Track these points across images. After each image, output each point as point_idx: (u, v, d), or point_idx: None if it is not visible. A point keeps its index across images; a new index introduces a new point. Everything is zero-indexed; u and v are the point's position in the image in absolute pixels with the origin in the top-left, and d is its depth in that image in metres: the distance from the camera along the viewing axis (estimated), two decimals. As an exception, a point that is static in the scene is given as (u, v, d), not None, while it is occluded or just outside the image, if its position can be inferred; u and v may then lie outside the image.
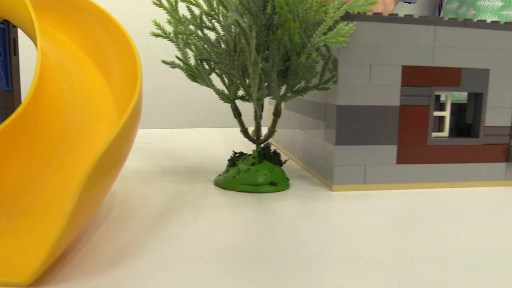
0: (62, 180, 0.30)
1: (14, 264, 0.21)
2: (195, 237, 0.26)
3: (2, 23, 0.47)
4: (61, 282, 0.20)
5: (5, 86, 0.48)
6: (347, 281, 0.20)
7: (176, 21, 0.39)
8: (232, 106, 0.38)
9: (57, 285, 0.20)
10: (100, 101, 0.38)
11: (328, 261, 0.22)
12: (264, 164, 0.36)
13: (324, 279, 0.20)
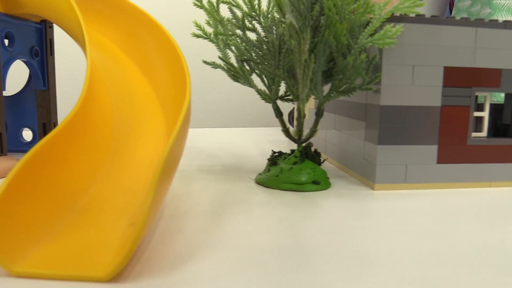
0: (115, 178, 0.31)
1: (90, 259, 0.22)
2: (254, 234, 0.26)
3: (39, 23, 0.48)
4: (137, 278, 0.21)
5: (42, 86, 0.49)
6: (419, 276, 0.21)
7: (217, 22, 0.40)
8: (274, 106, 0.39)
9: (134, 281, 0.21)
10: (143, 101, 0.39)
11: (393, 260, 0.23)
12: (306, 163, 0.37)
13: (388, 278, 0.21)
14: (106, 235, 0.25)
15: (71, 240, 0.24)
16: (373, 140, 0.37)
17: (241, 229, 0.27)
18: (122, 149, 0.34)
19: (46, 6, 0.40)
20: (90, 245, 0.24)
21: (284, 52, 0.35)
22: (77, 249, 0.23)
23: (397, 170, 0.37)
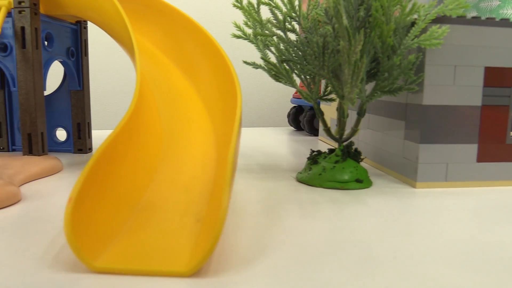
0: (170, 177, 0.31)
1: (168, 255, 0.23)
2: (314, 231, 0.27)
3: (74, 24, 0.49)
4: (216, 274, 0.21)
5: (77, 86, 0.49)
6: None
7: (257, 23, 0.40)
8: (315, 105, 0.39)
9: (214, 277, 0.21)
10: (187, 101, 0.39)
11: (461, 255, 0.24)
12: (348, 162, 0.38)
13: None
14: (175, 232, 0.25)
15: (142, 236, 0.25)
16: (414, 139, 0.37)
17: (300, 226, 0.28)
18: (171, 149, 0.34)
19: (89, 7, 0.40)
20: (162, 242, 0.24)
21: (329, 52, 0.35)
22: (151, 245, 0.24)
23: (438, 168, 0.37)
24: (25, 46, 0.40)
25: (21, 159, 0.41)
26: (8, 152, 0.51)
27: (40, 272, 0.21)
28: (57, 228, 0.27)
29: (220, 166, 0.31)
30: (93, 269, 0.21)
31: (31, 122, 0.41)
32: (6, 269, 0.21)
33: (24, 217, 0.29)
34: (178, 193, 0.30)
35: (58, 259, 0.23)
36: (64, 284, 0.20)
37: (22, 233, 0.26)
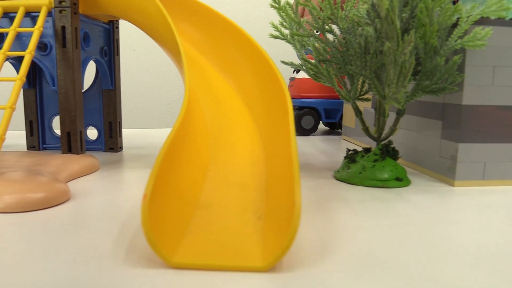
0: (222, 175, 0.32)
1: (242, 251, 0.23)
2: (369, 229, 0.27)
3: (107, 24, 0.49)
4: (291, 269, 0.22)
5: (110, 85, 0.50)
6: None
7: (295, 23, 0.41)
8: (354, 105, 0.40)
9: (290, 271, 0.22)
10: (228, 101, 0.40)
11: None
12: (388, 161, 0.38)
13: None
14: (238, 229, 0.26)
15: (208, 233, 0.25)
16: (453, 139, 0.38)
17: (354, 223, 0.28)
18: (219, 148, 0.35)
19: (131, 8, 0.40)
20: (229, 238, 0.25)
21: (371, 53, 0.36)
22: (220, 242, 0.24)
23: (476, 167, 0.38)
24: (65, 45, 0.41)
25: (61, 158, 0.41)
26: (40, 150, 0.51)
27: (119, 268, 0.22)
28: (118, 225, 0.28)
29: (273, 163, 0.31)
30: (171, 265, 0.22)
31: (70, 121, 0.42)
32: (85, 267, 0.22)
33: (81, 214, 0.30)
34: (233, 190, 0.30)
35: (131, 255, 0.23)
36: (147, 279, 0.20)
37: (85, 230, 0.27)
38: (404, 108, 0.38)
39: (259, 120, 0.37)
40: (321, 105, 0.70)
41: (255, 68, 0.39)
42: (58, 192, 0.32)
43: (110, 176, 0.40)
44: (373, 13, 0.36)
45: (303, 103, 0.70)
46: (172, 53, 0.39)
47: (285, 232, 0.22)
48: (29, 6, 0.41)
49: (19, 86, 0.36)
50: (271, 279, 0.21)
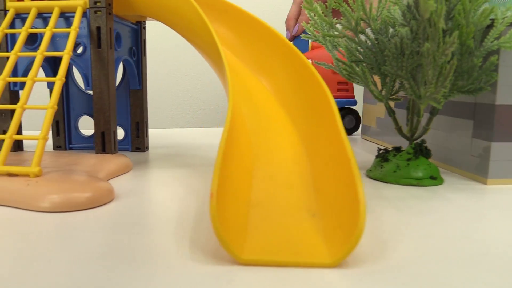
0: (268, 175, 0.32)
1: (307, 247, 0.24)
2: (422, 226, 0.28)
3: (135, 24, 0.49)
4: (358, 264, 0.22)
5: (137, 85, 0.50)
6: None
7: (327, 24, 0.42)
8: (386, 105, 0.41)
9: (359, 266, 0.22)
10: (263, 101, 0.40)
11: None
12: (422, 159, 0.39)
13: None
14: (295, 226, 0.26)
15: (268, 231, 0.25)
16: (485, 138, 0.39)
17: (401, 221, 0.29)
18: (260, 148, 0.35)
19: (165, 9, 0.41)
20: (290, 235, 0.25)
21: (407, 54, 0.37)
22: (282, 239, 0.25)
23: (508, 165, 0.39)
24: (100, 46, 0.41)
25: (96, 157, 0.41)
26: (67, 150, 0.51)
27: (188, 265, 0.22)
28: (171, 223, 0.28)
29: (319, 162, 0.32)
30: (241, 262, 0.22)
31: (104, 121, 0.42)
32: (153, 265, 0.22)
33: (129, 213, 0.30)
34: (280, 189, 0.31)
35: (195, 252, 0.24)
36: (221, 276, 0.21)
37: (140, 229, 0.27)
38: (438, 108, 0.39)
39: (297, 120, 0.37)
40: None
41: (289, 67, 0.40)
42: (104, 192, 0.32)
43: (145, 176, 0.41)
44: (409, 14, 0.37)
45: None
46: (210, 56, 0.39)
47: (348, 229, 0.23)
48: (64, 6, 0.41)
49: (59, 86, 0.36)
50: (341, 275, 0.21)
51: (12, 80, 0.37)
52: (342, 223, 0.24)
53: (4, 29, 0.40)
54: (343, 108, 0.70)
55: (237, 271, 0.21)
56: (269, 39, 0.42)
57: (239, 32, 0.44)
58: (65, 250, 0.24)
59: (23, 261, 0.22)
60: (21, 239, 0.25)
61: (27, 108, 0.36)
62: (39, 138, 0.34)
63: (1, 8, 0.42)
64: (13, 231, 0.26)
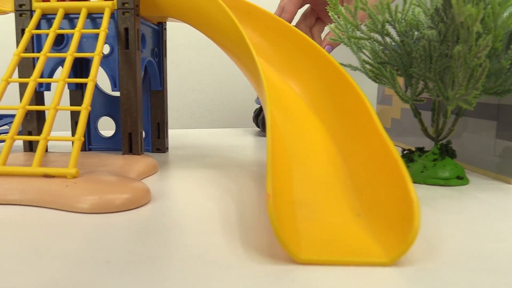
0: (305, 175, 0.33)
1: (361, 246, 0.24)
2: (462, 223, 0.29)
3: (156, 25, 0.49)
4: (413, 262, 0.23)
5: (159, 86, 0.50)
6: None
7: (353, 26, 0.42)
8: (412, 106, 0.41)
9: (411, 265, 0.23)
10: (293, 104, 0.40)
11: None
12: (448, 160, 0.40)
13: None
14: (344, 225, 0.27)
15: (317, 229, 0.26)
16: (508, 138, 0.40)
17: (440, 220, 0.30)
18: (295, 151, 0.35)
19: (194, 11, 0.41)
20: (340, 234, 0.25)
21: (436, 56, 0.37)
22: (333, 237, 0.25)
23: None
24: (128, 47, 0.41)
25: (123, 158, 0.41)
26: (86, 151, 0.51)
27: (248, 265, 0.22)
28: (215, 224, 0.28)
29: (356, 163, 0.32)
30: (299, 261, 0.23)
31: (132, 122, 0.42)
32: (212, 264, 0.22)
33: (170, 214, 0.30)
34: (320, 190, 0.31)
35: (250, 252, 0.24)
36: (284, 275, 0.21)
37: (187, 230, 0.27)
38: (464, 109, 0.40)
39: (328, 122, 0.38)
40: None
41: (317, 69, 0.40)
42: (142, 193, 0.33)
43: (173, 176, 0.41)
44: (437, 17, 0.37)
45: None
46: (241, 60, 0.39)
47: (401, 228, 0.23)
48: (91, 7, 0.41)
49: (91, 87, 0.36)
50: (400, 273, 0.22)
51: (43, 81, 0.37)
52: (393, 222, 0.25)
53: (31, 29, 0.40)
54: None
55: (297, 270, 0.22)
56: (295, 41, 0.43)
57: (264, 34, 0.45)
58: (122, 252, 0.24)
59: (80, 263, 0.22)
60: (70, 240, 0.25)
61: (60, 109, 0.36)
62: (75, 139, 0.34)
63: (28, 9, 0.42)
64: (58, 232, 0.26)
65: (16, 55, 0.38)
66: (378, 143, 0.30)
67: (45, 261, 0.22)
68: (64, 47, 0.42)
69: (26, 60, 0.42)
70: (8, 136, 0.35)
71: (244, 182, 0.39)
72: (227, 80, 1.00)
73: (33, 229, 0.27)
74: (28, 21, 0.42)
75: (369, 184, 0.29)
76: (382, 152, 0.29)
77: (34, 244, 0.24)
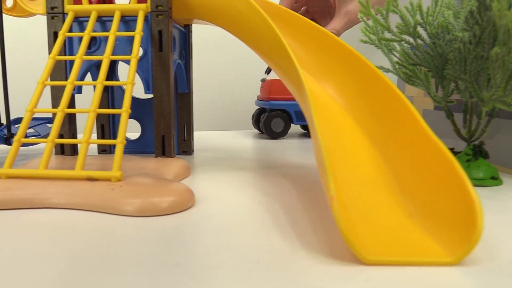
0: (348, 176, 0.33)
1: (422, 247, 0.24)
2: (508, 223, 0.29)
3: (183, 27, 0.49)
4: (476, 262, 0.23)
5: (186, 89, 0.50)
6: None
7: (385, 29, 0.42)
8: (445, 108, 0.42)
9: (474, 265, 0.23)
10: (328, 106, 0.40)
11: None
12: (481, 161, 0.40)
13: None
14: (399, 225, 0.27)
15: (375, 230, 0.26)
16: (541, 139, 0.40)
17: (490, 219, 0.30)
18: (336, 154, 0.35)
19: (229, 15, 0.41)
20: (398, 234, 0.26)
21: (471, 58, 0.38)
22: (392, 238, 0.25)
23: None
24: (162, 49, 0.41)
25: (156, 161, 0.41)
26: (112, 154, 0.51)
27: (318, 267, 0.22)
28: (268, 226, 0.28)
29: (400, 165, 0.32)
30: (367, 262, 0.23)
31: (165, 125, 0.42)
32: (277, 266, 0.23)
33: (220, 217, 0.30)
34: (366, 191, 0.31)
35: (313, 254, 0.24)
36: (355, 276, 0.21)
37: (243, 233, 0.27)
38: (497, 110, 0.40)
39: (365, 124, 0.38)
40: (291, 108, 0.68)
41: (352, 71, 0.40)
42: (187, 196, 0.32)
43: (208, 179, 0.41)
44: (472, 19, 0.38)
45: (272, 105, 0.68)
46: (279, 65, 0.39)
47: (462, 228, 0.24)
48: (125, 10, 0.41)
49: (130, 89, 0.36)
50: (465, 272, 0.22)
51: (81, 84, 0.37)
52: (452, 222, 0.25)
53: (65, 32, 0.40)
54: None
55: (367, 271, 0.22)
56: (326, 43, 0.43)
57: (294, 37, 0.45)
58: (186, 255, 0.24)
59: (151, 267, 0.22)
60: (131, 244, 0.25)
61: (99, 112, 0.36)
62: (118, 142, 0.34)
63: (60, 11, 0.41)
64: (119, 237, 0.26)
65: (51, 58, 0.38)
66: (425, 144, 0.30)
67: (120, 266, 0.22)
68: (96, 50, 0.42)
69: (58, 63, 0.42)
70: (48, 139, 0.35)
71: (282, 184, 0.39)
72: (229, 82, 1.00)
73: (90, 234, 0.27)
74: (60, 23, 0.42)
75: (419, 185, 0.30)
76: (430, 152, 0.29)
77: (103, 249, 0.24)
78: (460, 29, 0.40)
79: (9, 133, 0.46)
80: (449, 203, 0.26)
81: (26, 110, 0.36)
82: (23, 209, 0.31)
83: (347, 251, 0.24)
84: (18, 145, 0.35)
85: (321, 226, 0.28)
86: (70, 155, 0.44)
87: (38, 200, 0.32)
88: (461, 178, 0.25)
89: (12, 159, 0.34)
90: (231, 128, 1.00)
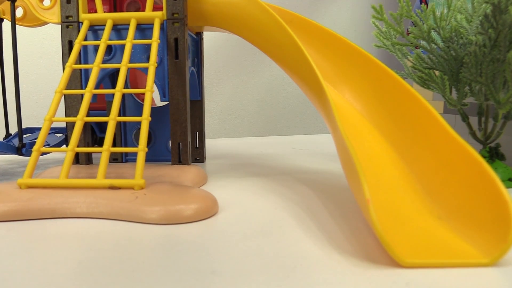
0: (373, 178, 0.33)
1: (457, 248, 0.24)
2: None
3: (195, 35, 0.50)
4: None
5: (198, 96, 0.50)
6: None
7: (398, 33, 0.43)
8: (460, 110, 0.42)
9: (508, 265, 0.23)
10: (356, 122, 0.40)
11: None
12: (498, 163, 0.40)
13: None
14: (430, 228, 0.27)
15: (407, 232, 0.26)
16: (556, 140, 0.41)
17: None
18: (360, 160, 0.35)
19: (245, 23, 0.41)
20: (430, 237, 0.26)
21: (487, 61, 0.38)
22: (426, 240, 0.25)
23: None
24: (178, 57, 0.41)
25: (174, 169, 0.41)
26: (124, 162, 0.51)
27: (354, 271, 0.22)
28: (297, 230, 0.28)
29: (421, 167, 0.32)
30: (405, 265, 0.23)
31: (181, 132, 0.42)
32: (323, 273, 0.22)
33: (247, 224, 0.30)
34: (395, 195, 0.31)
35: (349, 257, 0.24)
36: (396, 279, 0.21)
37: (272, 238, 0.27)
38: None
39: (385, 129, 0.38)
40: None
41: (370, 77, 0.40)
42: (211, 203, 0.32)
43: (226, 186, 0.41)
44: (487, 23, 0.38)
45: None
46: (298, 75, 0.39)
47: (497, 228, 0.24)
48: (140, 18, 0.41)
49: (149, 97, 0.36)
50: (504, 272, 0.22)
51: (99, 92, 0.37)
52: (484, 223, 0.25)
53: (81, 41, 0.40)
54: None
55: (406, 273, 0.22)
56: (341, 49, 0.43)
57: (309, 43, 0.45)
58: (220, 262, 0.24)
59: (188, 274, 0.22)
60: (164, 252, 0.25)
61: (119, 120, 0.36)
62: (139, 150, 0.34)
63: (75, 20, 0.41)
64: (141, 244, 0.26)
65: (68, 67, 0.38)
66: (450, 146, 0.30)
67: (156, 275, 0.22)
68: (111, 58, 0.42)
69: (74, 71, 0.42)
70: (68, 148, 0.34)
71: (301, 189, 0.39)
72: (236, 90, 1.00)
73: (120, 243, 0.27)
74: (75, 32, 0.41)
75: (445, 187, 0.30)
76: (457, 154, 0.29)
77: (135, 258, 0.24)
78: (474, 33, 0.40)
79: (21, 143, 0.46)
80: (479, 205, 0.26)
81: (45, 119, 0.36)
82: (46, 219, 0.31)
83: (381, 254, 0.24)
84: (38, 155, 0.35)
85: (350, 230, 0.28)
86: (85, 164, 0.44)
87: (60, 210, 0.32)
88: (492, 179, 0.25)
89: (32, 169, 0.34)
90: (236, 136, 1.01)
